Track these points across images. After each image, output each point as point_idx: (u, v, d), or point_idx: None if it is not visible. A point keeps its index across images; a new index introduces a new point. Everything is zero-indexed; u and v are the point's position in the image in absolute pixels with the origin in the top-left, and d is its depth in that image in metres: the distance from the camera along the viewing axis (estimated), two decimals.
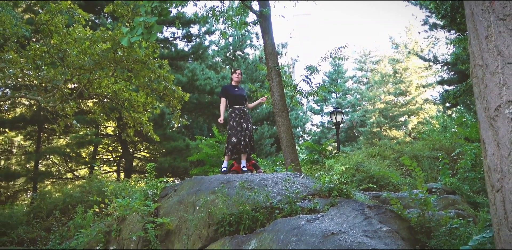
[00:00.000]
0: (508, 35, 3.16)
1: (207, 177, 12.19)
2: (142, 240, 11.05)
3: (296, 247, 8.70)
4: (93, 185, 23.00)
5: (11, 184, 35.54)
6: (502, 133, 3.11)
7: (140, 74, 20.63)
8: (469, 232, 8.88)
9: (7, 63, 20.54)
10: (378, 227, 9.39)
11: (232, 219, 10.03)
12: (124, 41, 8.21)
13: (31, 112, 31.22)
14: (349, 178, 11.45)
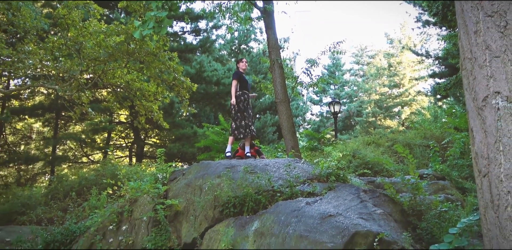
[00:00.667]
0: (495, 30, 3.17)
1: (213, 162, 12.21)
2: (152, 220, 11.07)
3: (296, 227, 8.72)
4: (107, 169, 23.08)
5: (30, 167, 35.64)
6: (489, 122, 3.12)
7: (151, 66, 20.69)
8: (458, 215, 8.89)
9: (27, 55, 20.61)
10: (372, 210, 9.40)
11: (236, 201, 10.05)
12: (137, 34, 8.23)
13: (49, 101, 31.21)
14: (346, 164, 11.47)
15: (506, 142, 3.03)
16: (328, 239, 8.24)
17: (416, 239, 9.03)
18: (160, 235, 10.73)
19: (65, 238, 12.86)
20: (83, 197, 19.29)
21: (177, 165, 13.35)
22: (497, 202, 3.05)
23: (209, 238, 10.03)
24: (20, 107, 32.29)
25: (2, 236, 18.64)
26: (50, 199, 22.49)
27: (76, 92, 22.45)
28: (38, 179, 35.35)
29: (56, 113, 32.46)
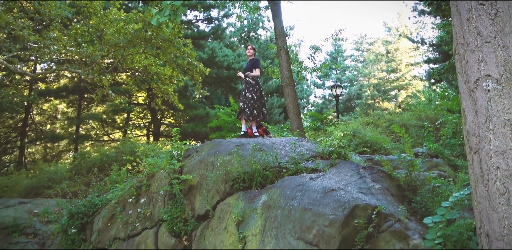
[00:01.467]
0: (486, 18, 3.16)
1: (224, 141, 12.23)
2: (168, 193, 11.13)
3: (301, 201, 8.74)
4: (126, 147, 23.16)
5: (55, 145, 35.76)
6: (479, 103, 3.12)
7: (167, 51, 20.78)
8: (450, 190, 8.89)
9: (52, 41, 20.65)
10: (371, 185, 9.41)
11: (245, 176, 10.08)
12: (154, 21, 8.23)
13: (73, 84, 31.25)
14: (347, 142, 11.47)
15: (496, 121, 3.03)
16: (330, 212, 8.27)
17: (411, 212, 9.05)
18: (175, 207, 10.79)
19: (88, 210, 12.94)
20: (105, 172, 19.36)
21: (191, 143, 13.38)
22: (487, 176, 3.06)
23: (221, 210, 10.08)
24: (46, 89, 32.33)
25: (30, 208, 18.78)
26: (74, 174, 22.62)
27: (97, 76, 22.54)
28: (63, 156, 35.48)
29: (79, 95, 32.52)
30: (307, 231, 8.35)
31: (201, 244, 10.00)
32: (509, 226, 2.93)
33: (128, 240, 11.57)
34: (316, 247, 8.18)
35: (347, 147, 11.19)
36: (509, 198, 2.95)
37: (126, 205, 12.08)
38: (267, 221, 9.03)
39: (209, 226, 10.08)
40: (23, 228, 17.59)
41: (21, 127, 32.69)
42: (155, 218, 11.24)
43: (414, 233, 8.29)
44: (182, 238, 10.60)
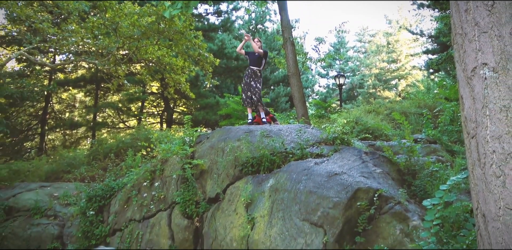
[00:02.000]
0: (483, 9, 3.16)
1: (233, 127, 12.24)
2: (180, 177, 11.16)
3: (306, 184, 8.76)
4: (141, 133, 23.24)
5: (74, 132, 35.86)
6: (477, 90, 3.12)
7: (179, 43, 20.82)
8: (447, 174, 8.89)
9: (70, 33, 20.70)
10: (373, 169, 9.42)
11: (254, 161, 10.11)
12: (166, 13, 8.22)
13: (90, 74, 31.28)
14: (349, 129, 11.46)
15: (492, 107, 3.03)
16: (334, 194, 8.29)
17: (410, 195, 9.06)
18: (187, 191, 10.82)
19: (105, 193, 13.00)
20: (121, 157, 19.41)
21: (202, 130, 13.35)
22: (483, 160, 3.06)
23: (230, 193, 10.12)
24: (64, 79, 32.38)
25: (51, 191, 18.86)
26: (91, 159, 22.69)
27: (113, 66, 22.60)
28: (81, 142, 35.58)
29: (96, 84, 32.56)
30: (312, 213, 8.38)
31: (212, 225, 10.04)
32: (505, 207, 2.94)
33: (143, 222, 11.63)
34: (321, 228, 8.21)
35: (350, 133, 11.17)
36: (504, 180, 2.95)
37: (141, 189, 12.13)
38: (274, 204, 9.05)
39: (220, 208, 10.12)
40: (44, 210, 17.68)
41: (41, 115, 32.75)
42: (169, 200, 11.28)
43: (413, 215, 8.30)
44: (194, 220, 10.66)
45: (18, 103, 28.73)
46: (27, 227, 17.13)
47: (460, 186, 7.58)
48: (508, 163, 2.92)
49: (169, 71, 22.15)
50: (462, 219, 7.76)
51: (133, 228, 11.74)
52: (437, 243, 7.37)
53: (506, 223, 2.93)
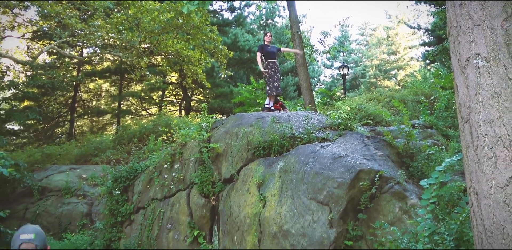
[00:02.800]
0: (477, 3, 3.15)
1: (246, 114, 12.24)
2: (198, 160, 11.19)
3: (313, 166, 8.77)
4: (162, 120, 23.32)
5: (100, 118, 36.03)
6: (470, 78, 3.11)
7: (196, 37, 20.85)
8: (442, 156, 8.88)
9: (96, 28, 20.75)
10: (374, 152, 9.42)
11: (265, 145, 10.12)
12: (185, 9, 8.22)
13: (115, 65, 31.32)
14: (353, 115, 11.44)
15: (484, 94, 3.02)
16: (338, 175, 8.30)
17: (409, 176, 9.06)
18: (204, 172, 10.86)
19: (129, 174, 13.06)
20: (143, 142, 19.48)
21: (217, 117, 13.42)
22: (476, 143, 3.06)
23: (244, 174, 10.14)
24: (91, 70, 32.46)
25: (80, 173, 19.01)
26: (117, 144, 22.80)
27: (136, 59, 22.64)
28: (107, 128, 35.73)
29: (121, 75, 32.63)
30: (318, 192, 8.40)
31: (227, 203, 10.08)
32: (496, 186, 2.94)
33: (164, 200, 11.69)
34: (327, 206, 8.24)
35: (353, 119, 11.16)
36: (495, 161, 2.95)
37: (162, 170, 12.18)
38: (284, 184, 9.08)
39: (234, 188, 10.15)
40: (74, 190, 17.85)
41: (70, 103, 32.88)
42: (187, 181, 11.33)
43: (411, 194, 8.31)
44: (210, 198, 10.70)
45: (49, 92, 28.86)
46: (59, 205, 17.29)
47: (454, 167, 7.58)
48: (499, 145, 2.93)
49: (187, 63, 22.19)
50: (456, 197, 7.76)
51: (155, 206, 11.80)
52: (433, 219, 7.37)
53: (497, 201, 2.93)
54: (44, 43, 27.93)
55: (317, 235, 8.12)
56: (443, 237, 6.88)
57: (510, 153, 2.90)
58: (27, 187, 18.09)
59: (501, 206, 2.92)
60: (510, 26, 3.04)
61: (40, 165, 21.19)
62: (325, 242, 8.01)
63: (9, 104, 24.56)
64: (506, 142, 2.92)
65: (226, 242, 9.85)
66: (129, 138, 22.87)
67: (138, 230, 12.05)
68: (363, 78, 59.50)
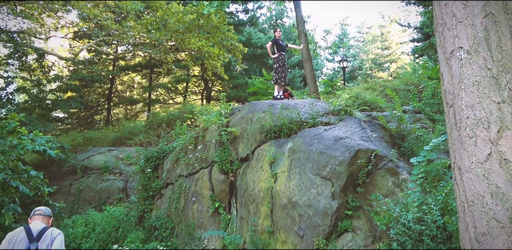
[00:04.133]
0: (460, 3, 3.13)
1: (259, 102, 12.26)
2: (218, 142, 11.23)
3: (317, 146, 8.79)
4: (186, 108, 23.40)
5: (133, 107, 36.16)
6: (454, 68, 3.11)
7: (215, 35, 20.91)
8: (429, 138, 8.88)
9: (129, 28, 20.84)
10: (370, 134, 9.42)
11: (276, 128, 10.15)
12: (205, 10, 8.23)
13: (145, 61, 31.35)
14: (351, 102, 11.42)
15: (466, 82, 3.02)
16: (339, 154, 8.33)
17: (400, 154, 9.05)
18: (224, 152, 10.91)
19: (159, 154, 13.13)
20: (171, 127, 19.54)
21: (234, 105, 13.42)
22: (459, 124, 3.06)
23: (257, 154, 10.18)
24: (125, 65, 32.51)
25: (116, 154, 19.14)
26: (148, 128, 22.90)
27: (163, 55, 22.71)
28: (139, 115, 35.84)
29: (150, 69, 32.69)
30: (322, 169, 8.44)
31: (243, 179, 10.13)
32: (476, 161, 2.95)
33: (189, 177, 11.76)
34: (329, 180, 8.28)
35: (352, 106, 11.16)
36: (476, 140, 2.96)
37: (187, 151, 12.24)
38: (292, 162, 9.12)
39: (249, 166, 10.19)
40: (111, 169, 17.99)
41: (107, 94, 33.01)
42: (209, 160, 11.38)
43: (402, 170, 8.32)
44: (229, 175, 10.76)
45: (89, 84, 28.98)
46: (99, 182, 17.44)
47: (440, 147, 7.57)
48: (479, 127, 2.93)
49: (208, 58, 22.23)
50: (441, 173, 7.77)
51: (181, 182, 11.87)
52: (422, 192, 7.39)
53: (477, 174, 2.94)
54: (84, 42, 27.99)
55: (322, 206, 8.16)
56: (430, 207, 6.90)
57: (488, 133, 2.90)
58: (71, 166, 18.28)
59: (481, 179, 2.93)
60: (489, 23, 3.03)
61: (82, 147, 21.33)
62: (328, 212, 8.06)
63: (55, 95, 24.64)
64: (485, 123, 2.92)
65: (243, 212, 9.92)
66: (158, 123, 22.98)
67: (167, 202, 12.14)
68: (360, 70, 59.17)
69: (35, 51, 22.02)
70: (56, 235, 5.64)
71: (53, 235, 5.61)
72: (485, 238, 2.92)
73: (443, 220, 6.71)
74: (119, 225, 12.32)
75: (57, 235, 5.66)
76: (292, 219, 8.62)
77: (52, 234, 5.61)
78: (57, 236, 5.64)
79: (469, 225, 3.02)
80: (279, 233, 8.85)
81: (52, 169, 18.37)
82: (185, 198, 11.55)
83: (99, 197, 16.93)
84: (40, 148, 11.73)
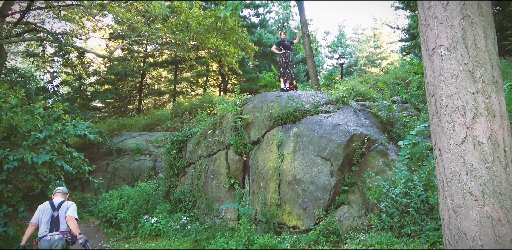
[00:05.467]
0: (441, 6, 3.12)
1: (268, 93, 12.24)
2: (233, 127, 11.25)
3: (318, 131, 8.81)
4: (206, 98, 23.36)
5: (161, 97, 36.22)
6: (435, 63, 3.11)
7: (230, 36, 20.90)
8: (415, 124, 8.85)
9: (157, 30, 20.84)
10: (364, 121, 9.40)
11: (282, 116, 10.16)
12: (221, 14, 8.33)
13: (171, 58, 31.34)
14: (348, 94, 11.36)
15: (446, 75, 3.03)
16: (337, 138, 8.34)
17: (389, 138, 9.05)
18: (238, 136, 10.93)
19: (183, 138, 13.18)
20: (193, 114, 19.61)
21: (247, 96, 13.40)
22: (440, 111, 3.07)
23: (267, 138, 10.21)
24: (154, 62, 32.53)
25: (147, 138, 19.25)
26: (173, 116, 22.98)
27: (186, 53, 22.71)
28: (166, 105, 35.90)
29: (175, 65, 32.68)
30: (322, 150, 8.46)
31: (255, 159, 10.17)
32: (454, 143, 2.96)
33: (209, 157, 11.80)
34: (328, 161, 8.31)
35: (348, 96, 11.10)
36: (454, 125, 2.97)
37: (207, 135, 12.27)
38: (296, 144, 9.14)
39: (260, 148, 10.22)
40: (142, 150, 18.11)
41: (139, 86, 33.09)
42: (225, 143, 11.42)
43: (391, 152, 8.33)
44: (242, 156, 10.79)
45: (123, 78, 29.04)
46: (131, 161, 17.58)
47: (424, 132, 7.55)
48: (456, 114, 2.94)
49: (224, 55, 22.21)
50: (425, 154, 7.77)
51: (202, 162, 11.93)
52: (408, 170, 7.41)
53: (454, 155, 2.96)
54: (118, 41, 28.00)
55: (322, 182, 8.21)
56: (415, 183, 6.92)
57: (464, 119, 2.91)
58: (108, 149, 18.45)
59: (458, 159, 2.94)
60: (466, 24, 3.03)
61: (117, 132, 21.46)
62: (328, 187, 8.10)
63: (94, 88, 24.82)
64: (461, 111, 2.93)
65: (255, 188, 9.98)
66: (182, 112, 23.06)
67: (189, 179, 12.22)
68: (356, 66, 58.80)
69: (76, 50, 22.13)
70: (70, 205, 6.81)
71: (68, 205, 6.79)
72: (461, 209, 2.95)
73: (426, 195, 6.73)
74: (149, 199, 12.43)
75: (71, 204, 6.83)
76: (297, 193, 8.67)
77: (67, 204, 6.81)
78: (70, 205, 6.81)
79: (447, 198, 3.04)
80: (285, 205, 8.90)
81: (92, 151, 18.54)
82: (205, 175, 11.62)
83: (132, 174, 17.08)
84: (81, 133, 11.85)
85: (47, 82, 20.62)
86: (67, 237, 6.45)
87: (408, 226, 6.74)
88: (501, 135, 2.91)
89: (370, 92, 12.14)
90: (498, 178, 2.87)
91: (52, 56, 22.08)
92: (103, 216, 12.83)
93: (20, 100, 11.37)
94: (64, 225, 6.55)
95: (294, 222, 8.61)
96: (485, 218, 2.86)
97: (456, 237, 2.99)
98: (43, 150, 10.48)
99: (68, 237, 6.45)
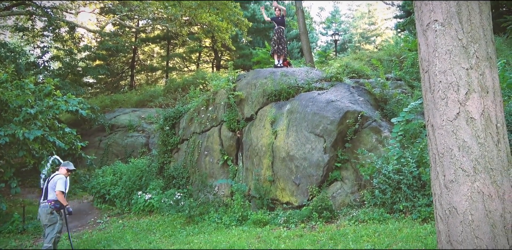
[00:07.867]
0: None
1: (262, 69, 12.20)
2: (226, 104, 11.25)
3: (312, 108, 8.84)
4: (199, 74, 23.39)
5: (154, 74, 36.03)
6: (430, 39, 3.11)
7: (223, 11, 20.77)
8: (408, 101, 8.89)
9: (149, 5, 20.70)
10: (357, 98, 9.44)
11: (276, 92, 10.16)
12: None
13: (163, 33, 31.05)
14: (342, 71, 11.35)
15: (440, 51, 3.04)
16: (331, 115, 8.39)
17: (383, 115, 9.10)
18: (231, 113, 10.95)
19: (176, 114, 13.17)
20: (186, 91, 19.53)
21: (240, 72, 13.34)
22: (433, 87, 3.09)
23: (260, 114, 10.24)
24: (146, 37, 32.21)
25: (139, 114, 19.28)
26: (166, 92, 22.95)
27: (179, 28, 22.52)
28: (158, 81, 35.72)
29: (168, 41, 32.40)
30: (316, 127, 8.52)
31: (248, 136, 10.22)
32: (447, 119, 2.99)
33: (202, 134, 11.84)
34: (322, 137, 8.38)
35: (342, 73, 11.09)
36: (447, 101, 2.99)
37: (200, 112, 12.28)
38: (290, 121, 9.18)
39: (253, 125, 10.27)
40: (135, 127, 18.14)
41: (131, 62, 32.86)
42: (219, 119, 11.44)
43: (384, 129, 8.39)
44: (236, 132, 10.84)
45: (114, 54, 28.81)
46: (124, 138, 17.63)
47: (417, 109, 7.61)
48: (450, 89, 2.96)
49: (217, 31, 22.03)
50: (418, 131, 7.84)
51: (195, 138, 11.97)
52: (401, 147, 7.49)
53: (447, 130, 2.99)
54: (109, 16, 27.69)
55: (315, 159, 8.29)
56: (408, 160, 7.01)
57: (457, 95, 2.94)
58: (100, 125, 18.45)
59: (450, 135, 2.98)
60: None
61: (109, 108, 21.45)
62: (321, 164, 8.19)
63: (85, 63, 24.59)
64: (455, 87, 2.95)
65: (248, 164, 10.06)
66: (175, 88, 22.97)
67: (183, 155, 12.28)
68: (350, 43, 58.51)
69: (66, 24, 21.90)
70: (56, 179, 7.66)
71: (54, 179, 7.67)
72: (452, 185, 3.00)
73: (418, 171, 6.83)
74: (142, 175, 12.52)
75: (57, 179, 7.66)
76: (290, 170, 8.76)
77: (54, 179, 7.69)
78: (57, 180, 7.63)
79: (439, 174, 3.09)
80: (278, 182, 9.01)
81: (84, 127, 18.55)
82: (198, 152, 11.68)
83: (125, 150, 17.15)
84: (73, 108, 11.81)
85: (37, 57, 20.40)
86: (51, 205, 7.57)
87: (400, 202, 6.86)
88: (493, 111, 2.95)
89: (364, 69, 12.14)
90: (489, 154, 2.92)
91: (42, 31, 21.84)
92: (97, 192, 12.94)
93: (10, 75, 11.29)
94: (52, 194, 7.62)
95: (288, 198, 8.73)
96: (476, 193, 2.91)
97: (447, 212, 3.05)
98: (35, 125, 10.46)
99: (52, 204, 7.58)
